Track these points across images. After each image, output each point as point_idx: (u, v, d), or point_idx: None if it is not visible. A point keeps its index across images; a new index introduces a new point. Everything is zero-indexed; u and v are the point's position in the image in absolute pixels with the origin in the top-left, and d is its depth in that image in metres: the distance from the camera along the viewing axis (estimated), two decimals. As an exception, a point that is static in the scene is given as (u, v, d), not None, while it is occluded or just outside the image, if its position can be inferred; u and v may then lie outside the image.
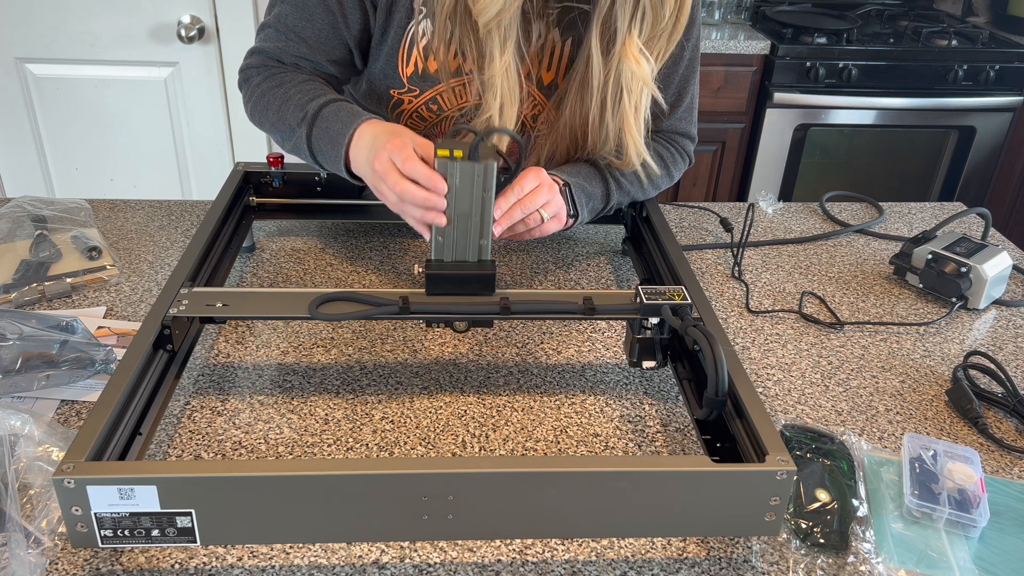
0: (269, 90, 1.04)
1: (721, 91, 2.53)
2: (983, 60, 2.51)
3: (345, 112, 0.97)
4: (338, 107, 0.98)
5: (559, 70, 1.08)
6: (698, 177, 2.68)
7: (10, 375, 0.88)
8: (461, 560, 0.73)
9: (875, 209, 1.42)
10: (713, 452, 0.78)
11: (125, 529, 0.66)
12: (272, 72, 1.06)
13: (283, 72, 1.06)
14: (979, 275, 1.11)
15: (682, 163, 1.17)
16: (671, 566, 0.74)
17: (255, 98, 1.06)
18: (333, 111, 0.98)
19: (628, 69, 0.98)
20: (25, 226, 1.19)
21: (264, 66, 1.07)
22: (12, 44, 2.21)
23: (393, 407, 0.91)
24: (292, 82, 1.03)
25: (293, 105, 1.01)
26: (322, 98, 1.00)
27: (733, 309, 1.12)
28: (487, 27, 0.94)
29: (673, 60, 1.07)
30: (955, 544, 0.76)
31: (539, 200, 0.95)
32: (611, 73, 0.99)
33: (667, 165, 1.15)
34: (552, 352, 1.01)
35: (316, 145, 0.99)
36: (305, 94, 1.01)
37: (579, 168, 1.07)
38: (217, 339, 1.01)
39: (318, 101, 0.99)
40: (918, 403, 0.96)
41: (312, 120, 0.98)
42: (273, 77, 1.05)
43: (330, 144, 0.97)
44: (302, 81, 1.03)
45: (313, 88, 1.02)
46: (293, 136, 1.01)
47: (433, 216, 0.87)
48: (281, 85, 1.03)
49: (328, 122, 0.97)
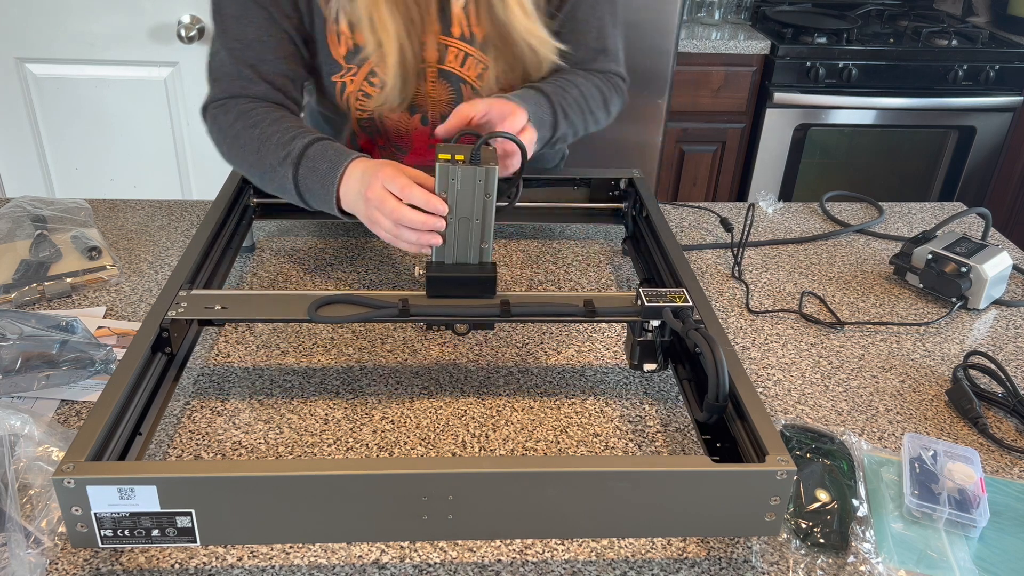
0: (244, 130, 1.02)
1: (721, 91, 2.53)
2: (983, 60, 2.51)
3: (332, 151, 0.96)
4: (324, 146, 0.97)
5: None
6: (698, 177, 2.68)
7: (10, 375, 0.88)
8: (461, 560, 0.73)
9: (875, 209, 1.42)
10: (713, 452, 0.78)
11: (125, 529, 0.66)
12: (241, 110, 1.04)
13: (253, 109, 1.04)
14: (979, 275, 1.11)
15: (617, 98, 1.18)
16: (671, 566, 0.74)
17: (229, 139, 1.04)
18: (320, 150, 0.97)
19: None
20: (25, 226, 1.19)
21: (231, 98, 1.05)
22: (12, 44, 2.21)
23: (393, 407, 0.91)
24: (266, 120, 1.02)
25: (273, 145, 0.99)
26: (305, 137, 0.98)
27: (733, 309, 1.12)
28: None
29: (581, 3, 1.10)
30: (955, 544, 0.76)
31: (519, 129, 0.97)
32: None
33: (604, 96, 1.15)
34: (552, 352, 1.01)
35: (304, 184, 0.98)
36: (284, 133, 1.00)
37: (528, 94, 1.06)
38: (217, 339, 1.01)
39: (301, 141, 0.98)
40: (918, 403, 0.96)
41: (297, 160, 0.97)
42: (244, 116, 1.03)
43: (320, 183, 0.96)
44: (277, 119, 1.02)
45: (290, 126, 1.01)
46: (276, 176, 1.00)
47: (430, 238, 0.88)
48: (256, 125, 1.02)
49: (316, 161, 0.96)
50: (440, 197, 0.87)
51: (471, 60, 1.09)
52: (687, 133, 2.59)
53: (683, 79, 2.48)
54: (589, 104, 1.11)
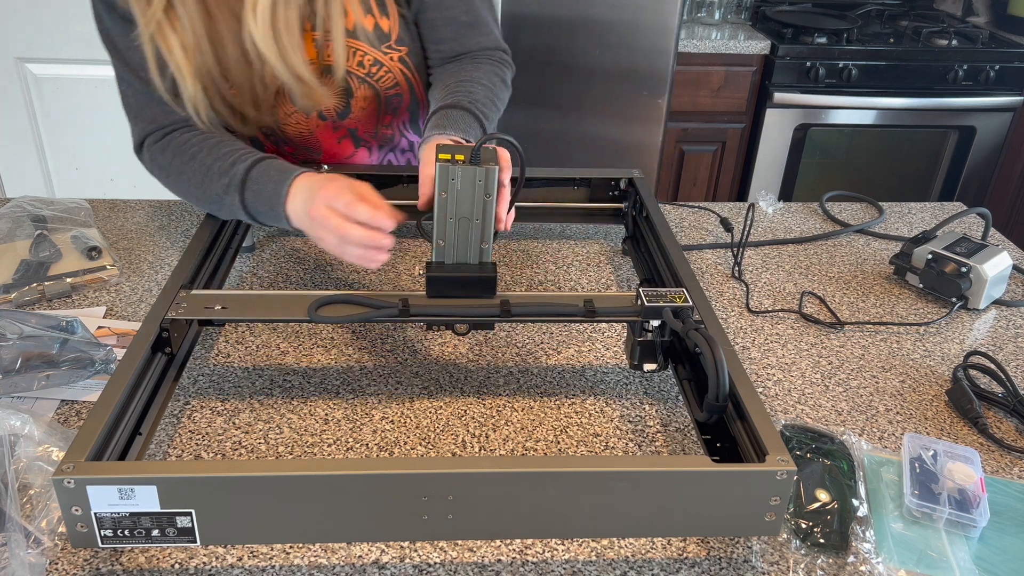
0: (184, 165, 1.00)
1: (721, 91, 2.53)
2: (983, 60, 2.51)
3: (275, 170, 0.95)
4: (265, 166, 0.96)
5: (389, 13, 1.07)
6: (698, 177, 2.68)
7: (10, 375, 0.88)
8: (461, 560, 0.73)
9: (875, 209, 1.42)
10: (713, 452, 0.78)
11: (125, 529, 0.66)
12: (177, 146, 1.01)
13: (187, 141, 1.01)
14: (979, 275, 1.11)
15: (509, 72, 1.17)
16: (671, 566, 0.74)
17: (173, 177, 1.02)
18: (262, 171, 0.95)
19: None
20: (25, 226, 1.19)
21: (160, 130, 1.03)
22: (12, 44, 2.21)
23: (393, 407, 0.91)
24: (203, 149, 1.00)
25: (215, 174, 0.98)
26: (245, 160, 0.97)
27: (733, 309, 1.12)
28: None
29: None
30: (955, 544, 0.76)
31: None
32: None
33: (502, 78, 1.15)
34: (552, 352, 1.01)
35: (254, 208, 0.97)
36: (224, 159, 0.98)
37: (457, 118, 1.04)
38: (217, 339, 1.01)
39: (242, 164, 0.96)
40: (918, 403, 0.96)
41: (241, 185, 0.96)
42: (182, 151, 1.01)
43: (267, 205, 0.95)
44: (214, 146, 1.00)
45: (229, 151, 0.99)
46: (225, 204, 0.98)
47: (375, 255, 0.86)
48: (194, 157, 1.00)
49: (260, 183, 0.95)
50: (393, 210, 0.86)
51: (358, 55, 1.08)
52: (687, 133, 2.59)
53: (683, 79, 2.48)
54: (496, 94, 1.11)
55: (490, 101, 1.09)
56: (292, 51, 0.99)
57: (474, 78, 1.09)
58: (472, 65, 1.11)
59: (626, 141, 2.40)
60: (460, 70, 1.10)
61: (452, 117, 1.02)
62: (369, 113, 1.15)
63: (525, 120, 2.35)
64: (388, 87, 1.12)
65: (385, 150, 1.24)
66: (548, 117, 2.36)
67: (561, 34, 2.23)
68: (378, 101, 1.13)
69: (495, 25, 1.16)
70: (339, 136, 1.18)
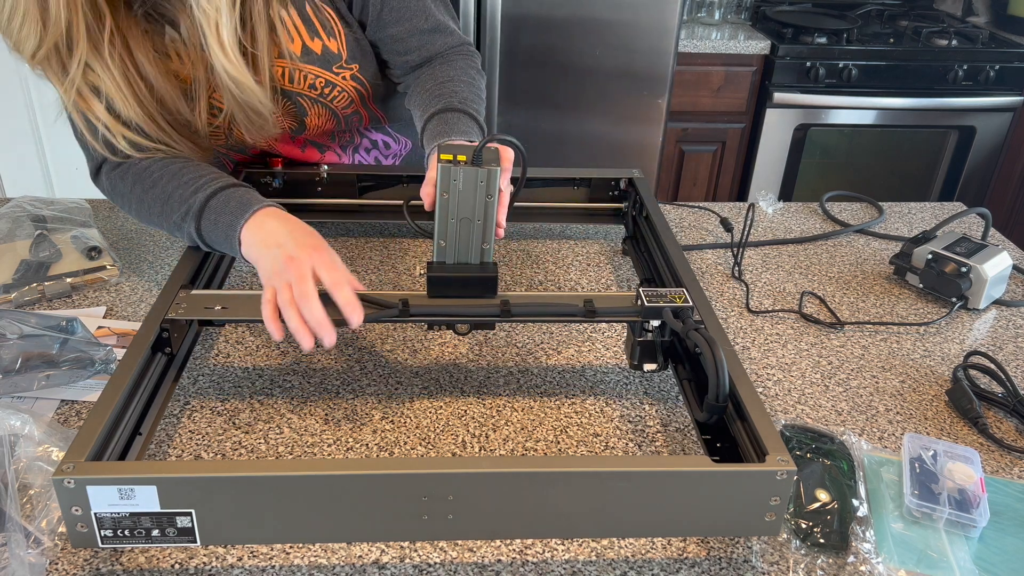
0: (144, 193, 0.98)
1: (721, 91, 2.53)
2: (983, 60, 2.51)
3: (235, 202, 0.92)
4: (227, 196, 0.93)
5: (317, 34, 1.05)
6: (698, 177, 2.68)
7: (10, 375, 0.88)
8: (461, 560, 0.73)
9: (875, 209, 1.42)
10: (713, 452, 0.78)
11: (125, 529, 0.66)
12: (137, 173, 0.99)
13: (147, 168, 0.98)
14: (979, 275, 1.11)
15: (478, 60, 1.17)
16: (671, 566, 0.74)
17: (134, 205, 1.00)
18: (222, 201, 0.93)
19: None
20: (25, 226, 1.19)
21: (117, 167, 1.00)
22: (12, 44, 2.21)
23: (393, 407, 0.91)
24: (164, 177, 0.97)
25: (175, 202, 0.95)
26: (207, 188, 0.94)
27: (733, 309, 1.12)
28: (35, 61, 0.89)
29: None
30: (955, 544, 0.76)
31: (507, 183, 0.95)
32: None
33: (476, 68, 1.15)
34: (552, 352, 1.01)
35: (208, 236, 0.94)
36: (184, 186, 0.95)
37: (454, 121, 1.03)
38: (217, 339, 1.01)
39: (203, 194, 0.94)
40: (918, 403, 0.96)
41: (199, 213, 0.93)
42: (142, 178, 0.98)
43: (224, 238, 0.92)
44: (175, 174, 0.97)
45: (190, 179, 0.96)
46: (182, 231, 0.96)
47: (309, 338, 0.81)
48: (155, 184, 0.97)
49: (217, 213, 0.92)
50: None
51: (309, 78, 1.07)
52: (687, 133, 2.59)
53: (683, 79, 2.48)
54: (478, 87, 1.11)
55: (476, 97, 1.10)
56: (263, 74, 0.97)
57: (453, 77, 1.09)
58: (446, 65, 1.12)
59: (626, 141, 2.40)
60: (436, 72, 1.11)
61: (449, 121, 1.02)
62: (326, 130, 1.16)
63: (525, 120, 2.35)
64: (344, 106, 1.12)
65: (349, 149, 1.25)
66: (548, 117, 2.36)
67: (561, 34, 2.23)
68: (336, 119, 1.14)
69: (454, 23, 1.16)
70: (299, 144, 1.19)
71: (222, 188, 0.94)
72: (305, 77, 1.06)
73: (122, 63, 0.91)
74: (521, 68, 2.28)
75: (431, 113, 1.04)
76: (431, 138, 1.01)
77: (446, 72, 1.10)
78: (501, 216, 0.89)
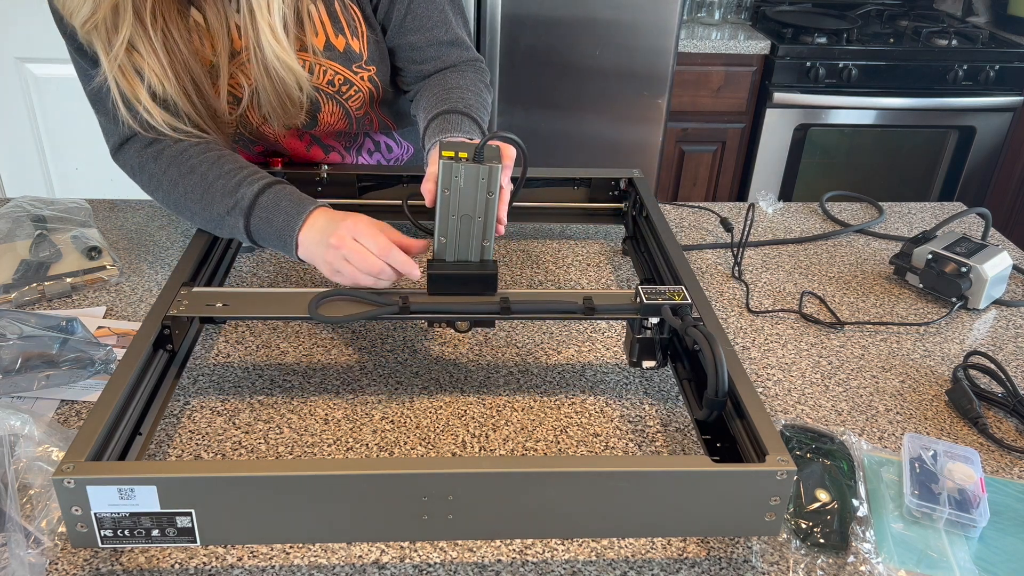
0: (181, 178, 0.99)
1: (721, 91, 2.53)
2: (983, 60, 2.51)
3: (286, 200, 0.95)
4: (276, 195, 0.95)
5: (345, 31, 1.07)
6: (698, 177, 2.68)
7: (10, 375, 0.88)
8: (461, 560, 0.73)
9: (875, 209, 1.42)
10: (713, 452, 0.78)
11: (125, 529, 0.66)
12: (172, 155, 1.00)
13: (184, 151, 1.00)
14: (979, 275, 1.11)
15: (487, 76, 1.19)
16: (671, 566, 0.74)
17: (165, 186, 1.01)
18: (272, 200, 0.95)
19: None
20: (25, 226, 1.19)
21: (150, 136, 1.01)
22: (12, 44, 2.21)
23: (393, 407, 0.91)
24: (204, 163, 0.98)
25: (218, 193, 0.97)
26: (252, 184, 0.96)
27: (733, 309, 1.12)
28: (85, 29, 0.92)
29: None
30: (955, 544, 0.76)
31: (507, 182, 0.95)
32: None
33: (485, 83, 1.16)
34: (552, 352, 1.01)
35: (258, 234, 0.96)
36: (228, 178, 0.97)
37: (456, 122, 1.04)
38: (217, 339, 1.01)
39: (249, 189, 0.96)
40: (918, 403, 0.96)
41: (248, 210, 0.95)
42: (177, 161, 0.99)
43: (277, 238, 0.95)
44: (214, 161, 0.98)
45: (231, 168, 0.98)
46: (224, 224, 0.98)
47: (387, 278, 0.89)
48: (193, 170, 0.98)
49: (270, 212, 0.95)
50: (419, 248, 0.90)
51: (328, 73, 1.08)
52: (687, 133, 2.59)
53: (683, 79, 2.48)
54: (485, 100, 1.13)
55: (481, 106, 1.11)
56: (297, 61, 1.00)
57: (462, 86, 1.11)
58: (457, 75, 1.13)
59: (626, 141, 2.40)
60: (446, 79, 1.12)
61: (451, 121, 1.03)
62: (336, 129, 1.17)
63: (525, 120, 2.35)
64: (357, 107, 1.13)
65: (353, 150, 1.25)
66: (548, 117, 2.36)
67: (561, 34, 2.23)
68: (348, 119, 1.14)
69: (470, 39, 1.18)
70: (306, 144, 1.19)
71: (268, 185, 0.96)
72: (324, 72, 1.07)
73: (163, 36, 0.95)
74: (521, 68, 2.28)
75: (435, 113, 1.05)
76: (433, 136, 1.01)
77: (456, 80, 1.12)
78: (502, 213, 0.89)
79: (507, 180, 0.92)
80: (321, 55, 1.05)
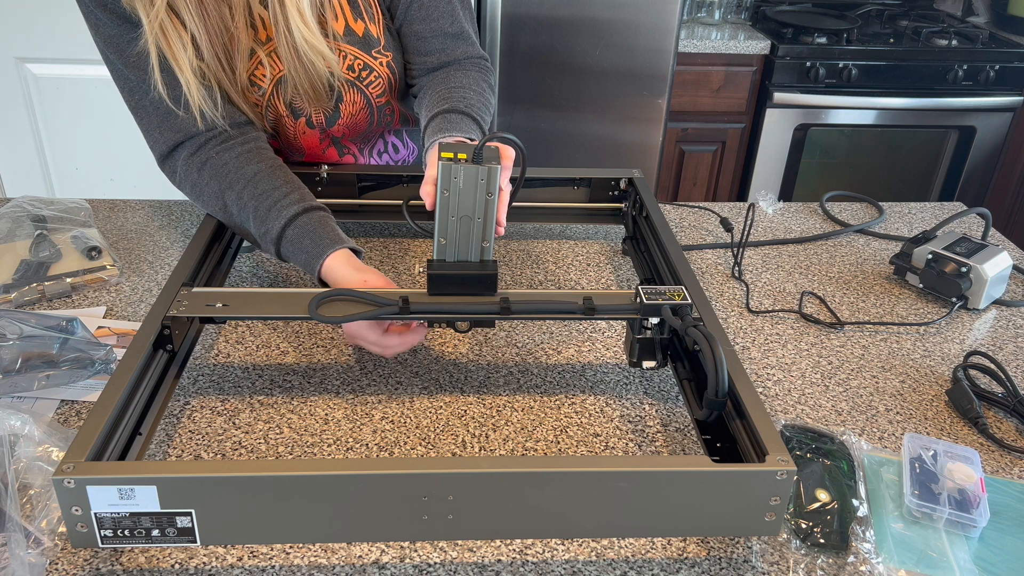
0: (221, 191, 1.01)
1: (721, 91, 2.53)
2: (983, 60, 2.51)
3: (308, 239, 0.97)
4: (302, 228, 0.97)
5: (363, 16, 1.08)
6: (698, 177, 2.68)
7: (10, 375, 0.88)
8: (461, 560, 0.73)
9: (875, 209, 1.42)
10: (713, 452, 0.78)
11: (125, 529, 0.66)
12: (214, 168, 1.02)
13: (224, 165, 1.02)
14: (979, 275, 1.11)
15: (492, 77, 1.20)
16: (671, 566, 0.74)
17: (205, 197, 1.03)
18: (297, 234, 0.97)
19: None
20: (25, 226, 1.19)
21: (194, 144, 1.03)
22: (12, 44, 2.21)
23: (393, 407, 0.91)
24: (240, 181, 1.01)
25: (250, 215, 1.00)
26: (281, 214, 0.98)
27: (733, 309, 1.12)
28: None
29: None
30: (955, 544, 0.76)
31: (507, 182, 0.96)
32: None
33: (488, 83, 1.17)
34: (552, 352, 1.01)
35: (291, 262, 1.00)
36: (261, 200, 0.99)
37: (456, 122, 1.05)
38: (217, 339, 1.01)
39: (277, 222, 0.98)
40: (918, 403, 0.96)
41: (277, 240, 0.98)
42: (218, 175, 1.01)
43: (305, 269, 0.98)
44: (251, 179, 1.00)
45: (266, 189, 1.00)
46: (260, 243, 1.01)
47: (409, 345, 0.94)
48: (231, 187, 1.01)
49: (295, 248, 0.97)
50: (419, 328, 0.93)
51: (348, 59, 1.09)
52: (687, 133, 2.59)
53: (683, 79, 2.48)
54: (487, 99, 1.13)
55: (483, 106, 1.11)
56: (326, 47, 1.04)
57: (465, 84, 1.11)
58: (461, 72, 1.13)
59: (626, 141, 2.40)
60: (449, 77, 1.12)
61: (452, 121, 1.03)
62: (359, 121, 1.16)
63: (525, 120, 2.35)
64: (378, 94, 1.13)
65: (366, 151, 1.25)
66: (548, 117, 2.36)
67: (561, 34, 2.23)
68: (369, 110, 1.14)
69: (476, 35, 1.19)
70: (324, 147, 1.19)
71: (295, 216, 0.98)
72: (345, 58, 1.08)
73: (199, 5, 0.98)
74: (521, 68, 2.28)
75: (436, 112, 1.05)
76: (433, 135, 1.02)
77: (459, 79, 1.12)
78: (501, 214, 0.89)
79: (506, 181, 0.92)
80: (341, 40, 1.07)
